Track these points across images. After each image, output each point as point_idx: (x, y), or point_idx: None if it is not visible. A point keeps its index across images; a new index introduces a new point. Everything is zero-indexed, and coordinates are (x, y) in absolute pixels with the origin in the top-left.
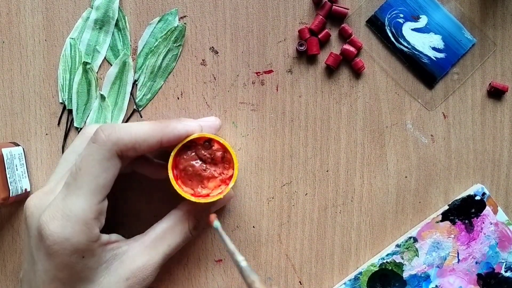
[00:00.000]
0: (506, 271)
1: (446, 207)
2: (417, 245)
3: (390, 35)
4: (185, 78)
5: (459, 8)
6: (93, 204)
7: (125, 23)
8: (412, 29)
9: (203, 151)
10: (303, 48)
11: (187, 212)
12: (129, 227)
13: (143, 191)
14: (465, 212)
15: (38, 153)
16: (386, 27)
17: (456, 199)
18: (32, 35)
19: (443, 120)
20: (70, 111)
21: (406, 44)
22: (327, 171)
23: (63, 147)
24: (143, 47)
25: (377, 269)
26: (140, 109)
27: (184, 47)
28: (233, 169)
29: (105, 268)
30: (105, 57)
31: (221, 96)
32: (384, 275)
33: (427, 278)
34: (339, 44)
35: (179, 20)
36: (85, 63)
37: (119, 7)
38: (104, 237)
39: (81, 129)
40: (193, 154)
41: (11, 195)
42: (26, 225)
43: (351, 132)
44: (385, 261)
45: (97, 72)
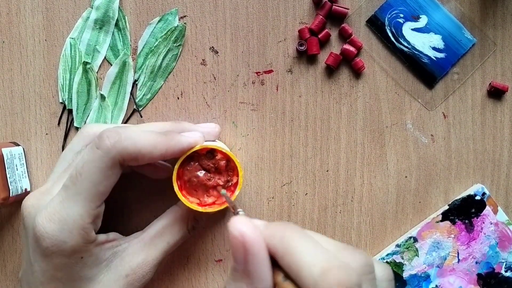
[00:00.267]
0: (506, 271)
1: (446, 207)
2: (417, 245)
3: (390, 35)
4: (185, 78)
5: (459, 8)
6: (90, 210)
7: (125, 23)
8: (412, 29)
9: (206, 161)
10: (303, 48)
11: (186, 212)
12: (129, 226)
13: (143, 191)
14: (465, 212)
15: (38, 153)
16: (386, 27)
17: (456, 199)
18: (32, 35)
19: (443, 120)
20: (70, 111)
21: (406, 44)
22: (327, 171)
23: (63, 147)
24: (143, 47)
25: None
26: (140, 109)
27: (184, 47)
28: (237, 176)
29: (105, 266)
30: (105, 57)
31: (221, 96)
32: None
33: (427, 278)
34: (339, 44)
35: (179, 20)
36: (85, 63)
37: (119, 7)
38: (102, 237)
39: None
40: (196, 164)
41: (11, 195)
42: (23, 225)
43: (351, 132)
44: (385, 261)
45: (97, 72)
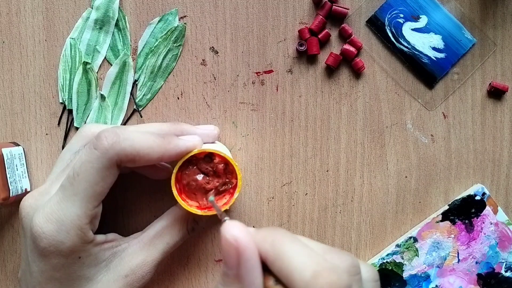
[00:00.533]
0: (506, 271)
1: (446, 207)
2: (417, 245)
3: (390, 35)
4: (185, 78)
5: (459, 8)
6: (88, 210)
7: (125, 23)
8: (412, 29)
9: (204, 165)
10: (303, 48)
11: (186, 213)
12: (129, 227)
13: (143, 191)
14: (465, 212)
15: (38, 153)
16: (386, 27)
17: (456, 199)
18: (32, 35)
19: (443, 120)
20: (70, 111)
21: (406, 44)
22: (327, 171)
23: (63, 147)
24: (143, 47)
25: (377, 269)
26: (140, 109)
27: (184, 47)
28: (236, 178)
29: (104, 266)
30: (105, 57)
31: (221, 96)
32: (384, 275)
33: (427, 278)
34: (339, 44)
35: (179, 20)
36: (85, 63)
37: (119, 7)
38: (100, 237)
39: None
40: (194, 168)
41: (11, 195)
42: (22, 225)
43: (351, 132)
44: (385, 261)
45: (97, 72)
